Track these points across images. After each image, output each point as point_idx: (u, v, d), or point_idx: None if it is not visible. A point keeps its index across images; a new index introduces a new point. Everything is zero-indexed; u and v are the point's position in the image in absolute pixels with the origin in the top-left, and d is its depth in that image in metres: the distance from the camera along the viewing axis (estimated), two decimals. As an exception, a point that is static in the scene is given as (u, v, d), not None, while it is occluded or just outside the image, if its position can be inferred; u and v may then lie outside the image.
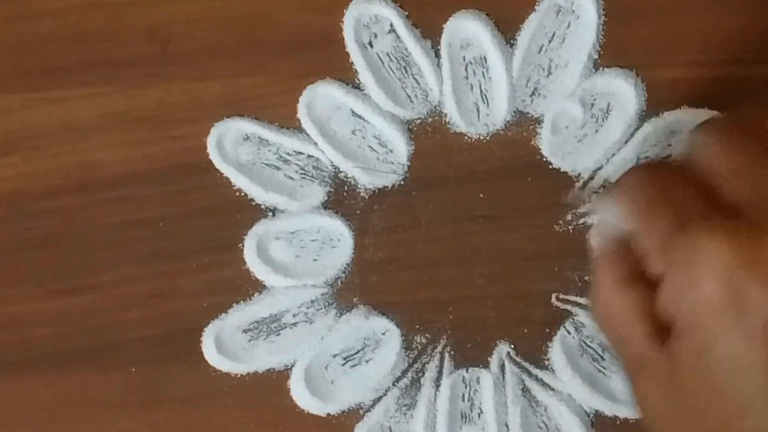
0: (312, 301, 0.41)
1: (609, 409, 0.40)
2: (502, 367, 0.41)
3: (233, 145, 0.41)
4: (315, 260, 0.41)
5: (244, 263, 0.41)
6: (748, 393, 0.28)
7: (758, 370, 0.28)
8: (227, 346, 0.41)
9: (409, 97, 0.41)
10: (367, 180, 0.41)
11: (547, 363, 0.41)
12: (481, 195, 0.41)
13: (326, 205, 0.41)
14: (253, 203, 0.41)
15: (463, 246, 0.41)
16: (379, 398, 0.41)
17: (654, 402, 0.31)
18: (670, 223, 0.30)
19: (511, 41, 0.41)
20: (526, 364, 0.41)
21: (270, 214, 0.41)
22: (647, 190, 0.32)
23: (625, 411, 0.39)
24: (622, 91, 0.41)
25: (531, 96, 0.41)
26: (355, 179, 0.41)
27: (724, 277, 0.29)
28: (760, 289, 0.28)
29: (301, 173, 0.41)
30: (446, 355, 0.41)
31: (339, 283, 0.41)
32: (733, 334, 0.29)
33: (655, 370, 0.31)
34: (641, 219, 0.32)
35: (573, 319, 0.40)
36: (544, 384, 0.40)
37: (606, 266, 0.33)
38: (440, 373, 0.41)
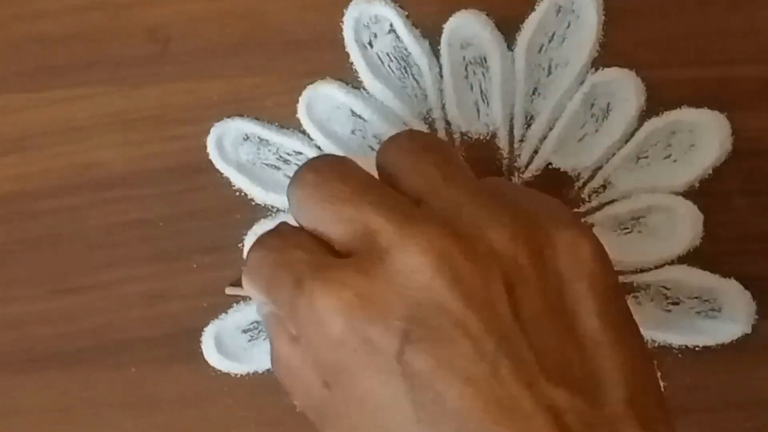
0: (312, 301, 0.41)
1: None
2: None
3: (233, 145, 0.41)
4: (315, 260, 0.41)
5: (244, 263, 0.41)
6: (398, 422, 0.29)
7: (402, 400, 0.28)
8: (227, 346, 0.41)
9: (409, 96, 0.41)
10: (367, 180, 0.41)
11: (547, 363, 0.40)
12: (481, 195, 0.41)
13: (326, 205, 0.41)
14: (253, 203, 0.41)
15: (463, 246, 0.41)
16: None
17: None
18: (290, 288, 0.30)
19: (511, 41, 0.41)
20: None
21: (270, 214, 0.41)
22: (264, 269, 0.32)
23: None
24: (622, 91, 0.41)
25: (531, 96, 0.41)
26: (355, 179, 0.41)
27: (346, 319, 0.29)
28: (381, 326, 0.29)
29: (301, 173, 0.41)
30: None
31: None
32: (370, 372, 0.29)
33: (333, 419, 0.31)
34: (268, 295, 0.32)
35: (573, 319, 0.40)
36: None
37: (277, 327, 0.33)
38: (440, 373, 0.41)
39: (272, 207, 0.41)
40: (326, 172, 0.32)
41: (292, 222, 0.33)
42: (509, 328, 0.29)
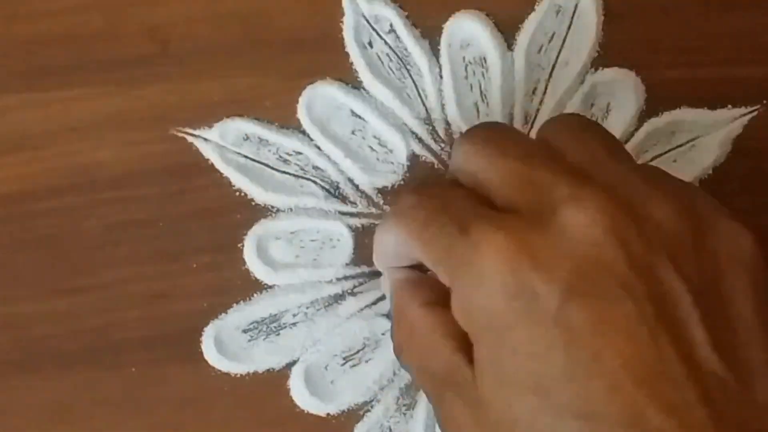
0: (312, 301, 0.41)
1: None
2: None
3: (233, 145, 0.41)
4: (315, 260, 0.41)
5: (244, 263, 0.41)
6: (550, 375, 0.29)
7: (557, 353, 0.28)
8: (227, 346, 0.41)
9: (409, 96, 0.41)
10: (366, 180, 0.41)
11: (547, 363, 0.40)
12: (481, 195, 0.41)
13: (326, 205, 0.41)
14: (253, 203, 0.41)
15: (463, 246, 0.41)
16: (379, 398, 0.41)
17: (460, 417, 0.31)
18: (451, 232, 0.31)
19: (511, 41, 0.41)
20: (526, 364, 0.41)
21: (270, 214, 0.41)
22: (421, 212, 0.32)
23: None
24: (622, 91, 0.41)
25: (531, 96, 0.41)
26: (354, 179, 0.41)
27: (508, 269, 0.29)
28: (545, 278, 0.29)
29: (301, 173, 0.41)
30: (446, 355, 0.41)
31: (339, 283, 0.41)
32: (526, 322, 0.29)
33: (462, 387, 0.31)
34: (421, 238, 0.32)
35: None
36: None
37: (408, 293, 0.33)
38: (440, 373, 0.41)
39: (272, 207, 0.41)
40: (498, 130, 0.33)
41: None
42: (672, 297, 0.29)
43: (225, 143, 0.41)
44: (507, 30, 0.41)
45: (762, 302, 0.30)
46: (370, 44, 0.41)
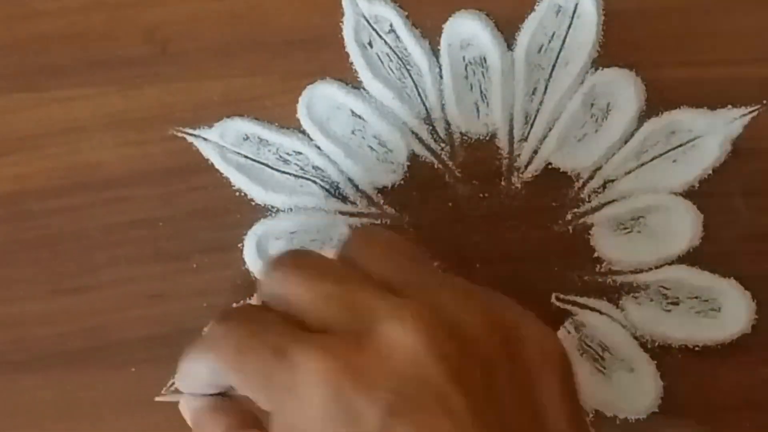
0: (312, 301, 0.41)
1: (609, 409, 0.40)
2: (502, 367, 0.41)
3: (233, 145, 0.41)
4: (315, 260, 0.41)
5: (244, 263, 0.41)
6: None
7: None
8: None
9: (408, 96, 0.41)
10: (366, 180, 0.41)
11: (547, 363, 0.40)
12: (481, 195, 0.41)
13: (326, 205, 0.41)
14: (253, 203, 0.41)
15: (463, 246, 0.41)
16: (379, 398, 0.41)
17: None
18: (267, 357, 0.30)
19: (511, 41, 0.41)
20: (526, 364, 0.41)
21: (270, 214, 0.41)
22: (233, 340, 0.31)
23: (625, 411, 0.39)
24: (622, 91, 0.41)
25: (531, 96, 0.41)
26: (354, 179, 0.41)
27: (329, 391, 0.29)
28: (366, 398, 0.28)
29: (301, 173, 0.41)
30: (446, 355, 0.41)
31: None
32: None
33: None
34: (236, 365, 0.31)
35: (573, 318, 0.40)
36: (544, 384, 0.40)
37: (213, 419, 0.33)
38: (440, 373, 0.41)
39: (272, 207, 0.41)
40: (306, 256, 0.32)
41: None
42: (486, 408, 0.29)
43: (225, 143, 0.41)
44: (507, 30, 0.41)
45: (571, 401, 0.31)
46: (370, 44, 0.41)
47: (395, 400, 0.28)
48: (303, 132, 0.41)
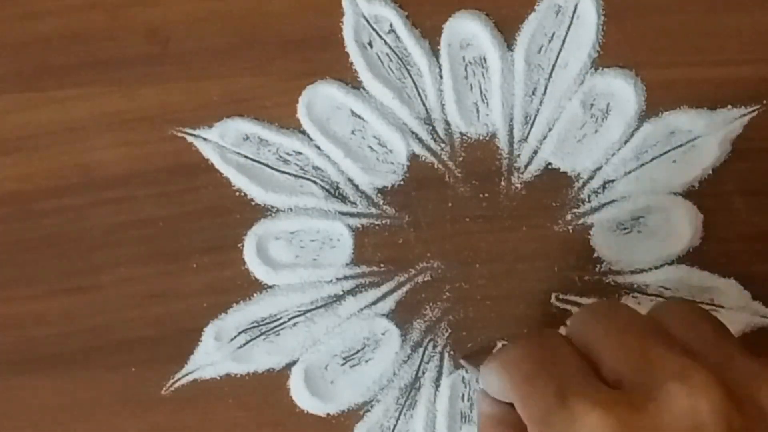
0: (312, 301, 0.41)
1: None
2: (502, 367, 0.41)
3: (233, 145, 0.41)
4: (315, 260, 0.41)
5: (244, 263, 0.41)
6: None
7: None
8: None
9: (408, 97, 0.41)
10: (366, 180, 0.41)
11: (547, 363, 0.40)
12: (481, 195, 0.41)
13: (326, 205, 0.41)
14: (253, 203, 0.41)
15: (463, 246, 0.41)
16: (379, 398, 0.41)
17: None
18: (549, 396, 0.30)
19: (511, 41, 0.41)
20: (526, 364, 0.41)
21: (270, 214, 0.41)
22: (526, 365, 0.32)
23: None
24: (622, 91, 0.41)
25: (530, 96, 0.41)
26: (354, 179, 0.41)
27: None
28: None
29: (301, 173, 0.41)
30: (446, 355, 0.41)
31: (339, 283, 0.41)
32: None
33: None
34: (521, 392, 0.32)
35: (573, 319, 0.40)
36: (544, 384, 0.40)
37: (491, 429, 0.33)
38: (440, 373, 0.41)
39: (272, 207, 0.41)
40: (618, 307, 0.33)
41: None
42: None
43: (225, 143, 0.41)
44: (507, 30, 0.41)
45: None
46: (370, 44, 0.41)
47: None
48: (303, 132, 0.41)
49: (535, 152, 0.41)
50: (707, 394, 0.29)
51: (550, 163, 0.41)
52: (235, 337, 0.41)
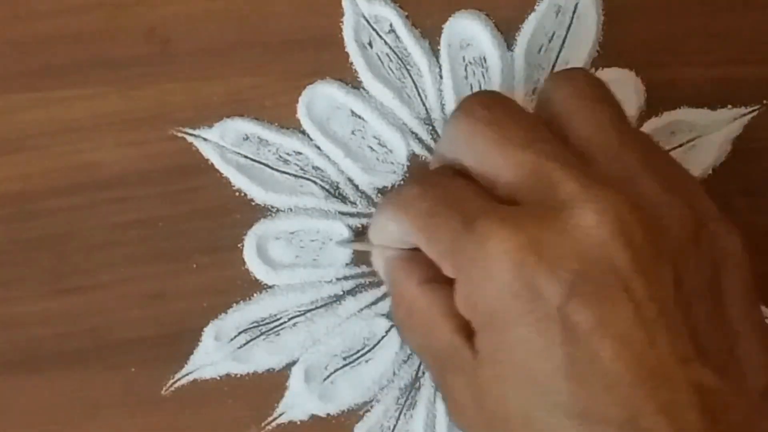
0: (312, 301, 0.41)
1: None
2: (502, 367, 0.41)
3: (233, 145, 0.41)
4: (315, 260, 0.41)
5: (244, 263, 0.41)
6: (547, 372, 0.29)
7: (555, 351, 0.29)
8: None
9: (408, 97, 0.41)
10: (366, 180, 0.41)
11: (547, 363, 0.40)
12: (481, 195, 0.41)
13: (326, 205, 0.41)
14: (253, 203, 0.41)
15: (463, 246, 0.41)
16: (379, 398, 0.41)
17: (461, 396, 0.32)
18: (455, 225, 0.31)
19: (511, 41, 0.41)
20: (526, 364, 0.41)
21: (270, 214, 0.41)
22: (424, 204, 0.32)
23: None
24: (622, 91, 0.41)
25: (531, 96, 0.41)
26: (354, 179, 0.41)
27: (513, 266, 0.29)
28: (549, 276, 0.29)
29: (301, 173, 0.41)
30: (446, 355, 0.41)
31: (339, 283, 0.41)
32: (528, 319, 0.29)
33: (462, 366, 0.31)
34: (425, 229, 0.32)
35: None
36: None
37: (406, 270, 0.33)
38: (440, 373, 0.41)
39: (272, 207, 0.41)
40: (498, 110, 0.32)
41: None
42: (671, 301, 0.29)
43: (225, 143, 0.41)
44: (507, 30, 0.41)
45: (752, 301, 0.31)
46: (370, 44, 0.41)
47: (578, 281, 0.29)
48: (303, 132, 0.41)
49: (535, 152, 0.41)
50: (608, 215, 0.29)
51: (550, 163, 0.41)
52: (235, 337, 0.41)
